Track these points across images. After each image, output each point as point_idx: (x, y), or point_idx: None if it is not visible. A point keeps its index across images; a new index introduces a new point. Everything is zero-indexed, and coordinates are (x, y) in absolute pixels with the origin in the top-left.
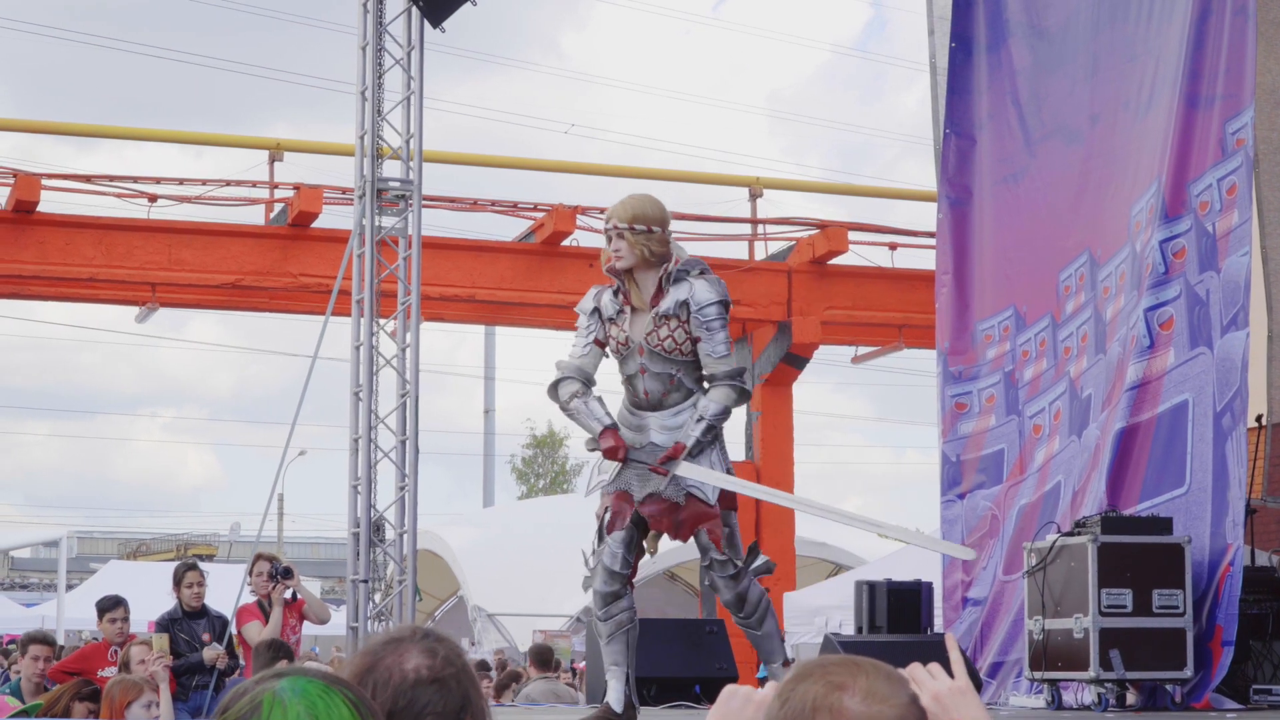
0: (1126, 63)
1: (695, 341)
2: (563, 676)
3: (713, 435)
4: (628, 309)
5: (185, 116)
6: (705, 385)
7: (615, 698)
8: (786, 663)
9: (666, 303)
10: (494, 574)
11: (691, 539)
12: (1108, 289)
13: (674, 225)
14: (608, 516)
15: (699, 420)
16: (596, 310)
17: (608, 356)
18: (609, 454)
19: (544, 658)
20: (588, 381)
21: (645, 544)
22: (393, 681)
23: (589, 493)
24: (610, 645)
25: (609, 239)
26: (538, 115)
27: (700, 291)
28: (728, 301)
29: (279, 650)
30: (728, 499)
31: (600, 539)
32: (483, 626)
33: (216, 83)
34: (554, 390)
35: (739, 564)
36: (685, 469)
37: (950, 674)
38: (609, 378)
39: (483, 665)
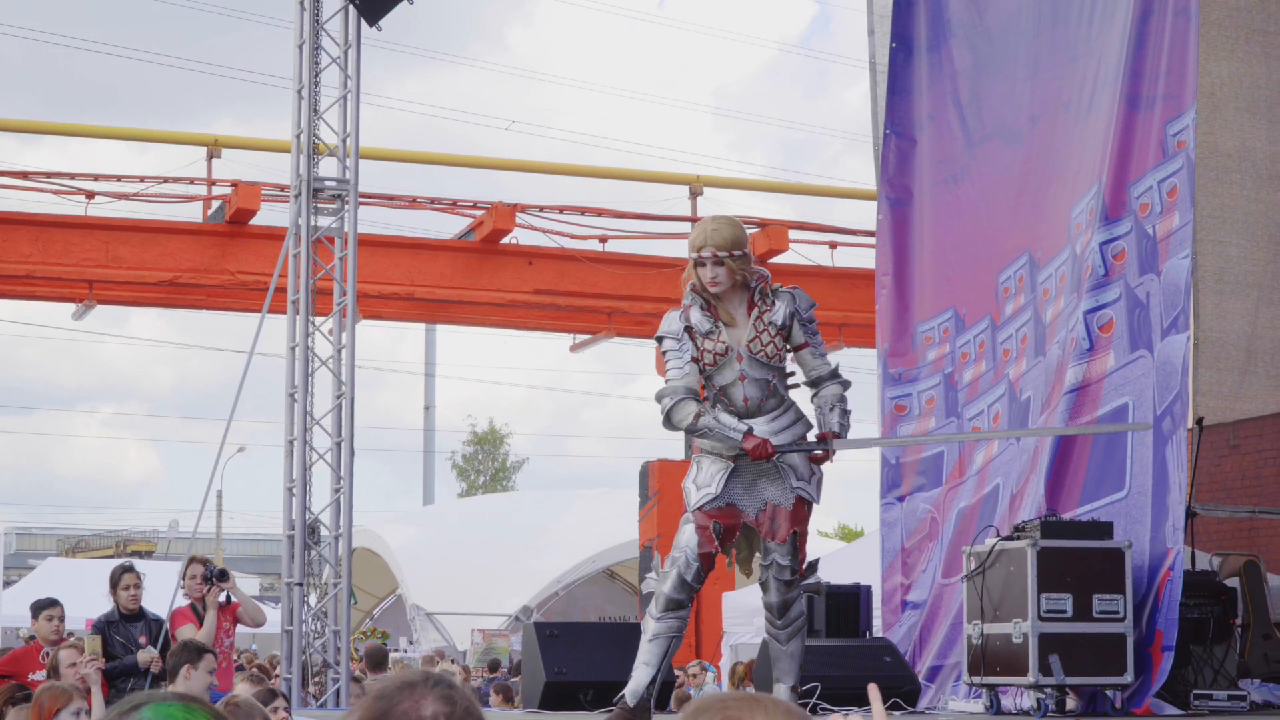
0: (1067, 63)
1: (790, 350)
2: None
3: (849, 419)
4: (719, 323)
5: (134, 112)
6: (811, 384)
7: (633, 692)
8: (794, 688)
9: (776, 314)
10: (433, 572)
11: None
12: (1047, 291)
13: (614, 223)
14: (696, 533)
15: (833, 408)
16: (687, 329)
17: (703, 374)
18: (758, 452)
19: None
20: (698, 399)
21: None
22: None
23: (695, 506)
24: (651, 644)
25: (702, 264)
26: (484, 112)
27: (802, 299)
28: None
29: (197, 656)
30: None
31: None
32: (421, 625)
33: (164, 78)
34: (670, 416)
35: (796, 571)
36: (840, 444)
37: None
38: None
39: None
